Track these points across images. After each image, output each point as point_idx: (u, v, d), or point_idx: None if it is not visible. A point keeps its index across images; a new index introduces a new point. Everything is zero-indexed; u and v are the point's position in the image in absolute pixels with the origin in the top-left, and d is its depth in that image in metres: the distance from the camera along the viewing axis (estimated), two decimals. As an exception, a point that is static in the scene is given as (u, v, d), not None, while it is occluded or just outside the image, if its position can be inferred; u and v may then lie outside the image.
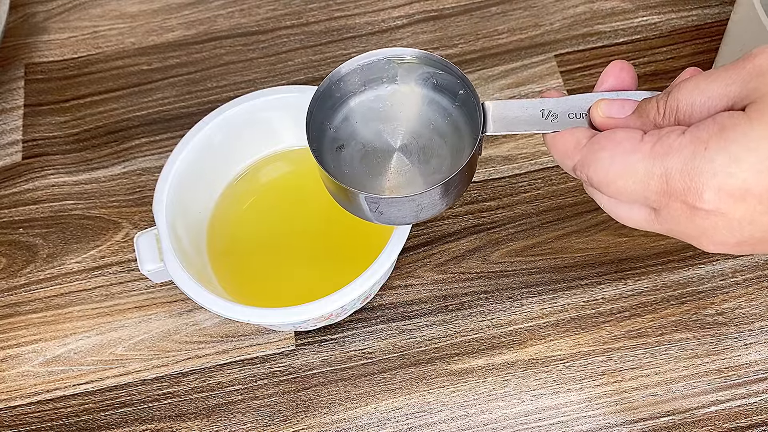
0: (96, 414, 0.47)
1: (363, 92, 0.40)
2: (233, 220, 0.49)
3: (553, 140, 0.35)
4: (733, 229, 0.30)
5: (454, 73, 0.38)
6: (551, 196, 0.51)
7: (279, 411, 0.46)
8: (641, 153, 0.31)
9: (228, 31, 0.60)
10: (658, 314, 0.47)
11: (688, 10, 0.57)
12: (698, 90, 0.31)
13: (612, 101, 0.34)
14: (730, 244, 0.31)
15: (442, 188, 0.36)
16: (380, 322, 0.48)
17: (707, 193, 0.29)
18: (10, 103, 0.58)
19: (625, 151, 0.31)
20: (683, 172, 0.30)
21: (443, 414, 0.45)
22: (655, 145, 0.31)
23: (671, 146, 0.30)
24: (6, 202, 0.54)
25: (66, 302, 0.50)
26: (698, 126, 0.30)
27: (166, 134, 0.56)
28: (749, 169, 0.28)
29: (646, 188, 0.31)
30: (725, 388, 0.44)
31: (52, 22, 0.61)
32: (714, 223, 0.30)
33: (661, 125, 0.32)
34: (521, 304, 0.48)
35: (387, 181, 0.38)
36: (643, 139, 0.31)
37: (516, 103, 0.36)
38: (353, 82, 0.39)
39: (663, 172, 0.30)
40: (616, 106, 0.34)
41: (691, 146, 0.30)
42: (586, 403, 0.45)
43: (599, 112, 0.34)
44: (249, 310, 0.41)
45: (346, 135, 0.39)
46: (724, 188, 0.29)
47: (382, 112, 0.40)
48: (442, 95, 0.39)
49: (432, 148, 0.39)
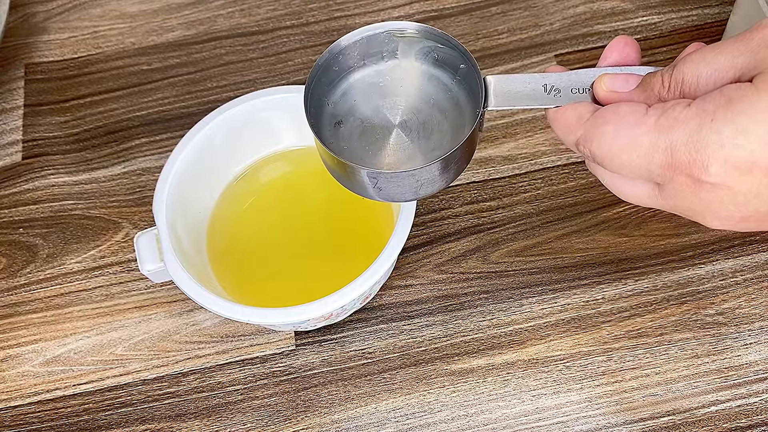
0: (96, 414, 0.47)
1: (362, 67, 0.39)
2: (233, 220, 0.49)
3: (555, 115, 0.34)
4: (738, 204, 0.29)
5: (455, 47, 0.37)
6: (551, 196, 0.51)
7: (279, 411, 0.46)
8: (646, 126, 0.30)
9: (228, 31, 0.60)
10: (658, 314, 0.47)
11: (688, 10, 0.57)
12: (704, 62, 0.30)
13: (616, 75, 0.34)
14: (735, 219, 0.30)
15: (442, 163, 0.35)
16: (380, 322, 0.48)
17: (713, 166, 0.29)
18: (10, 103, 0.58)
19: (629, 124, 0.31)
20: (689, 145, 0.29)
21: (443, 414, 0.45)
22: (660, 118, 0.30)
23: (676, 118, 0.30)
24: (6, 202, 0.54)
25: (66, 302, 0.50)
26: (704, 98, 0.29)
27: (166, 134, 0.56)
28: (756, 140, 0.28)
29: (650, 162, 0.30)
30: (725, 388, 0.44)
31: (52, 22, 0.61)
32: (719, 197, 0.29)
33: (665, 99, 0.32)
34: (521, 304, 0.48)
35: (386, 158, 0.38)
36: (648, 113, 0.31)
37: (518, 77, 0.36)
38: (352, 56, 0.38)
39: (668, 145, 0.30)
40: (620, 81, 0.34)
41: (697, 118, 0.29)
42: (586, 403, 0.45)
43: (603, 86, 0.34)
44: (249, 310, 0.41)
45: (344, 111, 0.38)
46: (730, 160, 0.28)
47: (381, 88, 0.39)
48: (443, 70, 0.39)
49: (432, 124, 0.38)
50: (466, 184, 0.52)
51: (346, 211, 0.49)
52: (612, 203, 0.50)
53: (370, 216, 0.48)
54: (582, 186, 0.51)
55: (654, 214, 0.50)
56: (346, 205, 0.49)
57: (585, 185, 0.51)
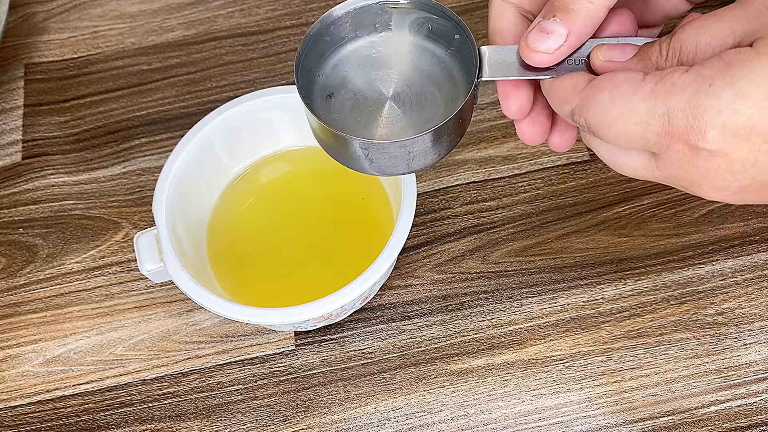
0: (96, 414, 0.47)
1: (355, 38, 0.38)
2: (233, 220, 0.49)
3: (551, 85, 0.34)
4: (735, 172, 0.29)
5: (449, 18, 0.37)
6: (551, 196, 0.51)
7: (279, 411, 0.46)
8: (642, 93, 0.30)
9: (228, 31, 0.60)
10: (657, 314, 0.47)
11: (688, 10, 0.57)
12: (704, 29, 0.30)
13: (613, 45, 0.33)
14: (732, 189, 0.30)
15: (434, 134, 0.35)
16: (380, 322, 0.48)
17: (711, 132, 0.28)
18: (10, 103, 0.58)
19: (625, 91, 0.30)
20: (686, 111, 0.28)
21: (443, 414, 0.45)
22: (657, 84, 0.29)
23: (674, 84, 0.29)
24: (6, 202, 0.54)
25: (66, 302, 0.50)
26: (703, 64, 0.29)
27: (166, 134, 0.56)
28: (755, 105, 0.27)
29: (646, 129, 0.30)
30: (725, 388, 0.44)
31: (52, 22, 0.61)
32: (717, 165, 0.29)
33: (663, 68, 0.31)
34: (521, 304, 0.48)
35: (378, 129, 0.37)
36: (645, 80, 0.30)
37: (513, 48, 0.35)
38: (345, 27, 0.38)
39: (665, 111, 0.29)
40: (617, 50, 0.33)
41: (694, 84, 0.28)
42: (585, 403, 0.45)
43: (599, 56, 0.33)
44: (249, 310, 0.41)
45: (336, 83, 0.38)
46: (728, 126, 0.28)
47: (374, 60, 0.38)
48: (437, 43, 0.38)
49: (425, 97, 0.37)
50: (465, 184, 0.52)
51: (346, 211, 0.49)
52: (612, 203, 0.50)
53: (370, 216, 0.48)
54: (582, 186, 0.51)
55: (654, 214, 0.50)
56: (346, 205, 0.49)
57: (585, 185, 0.51)
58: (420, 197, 0.51)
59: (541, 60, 0.33)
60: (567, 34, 0.33)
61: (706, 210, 0.49)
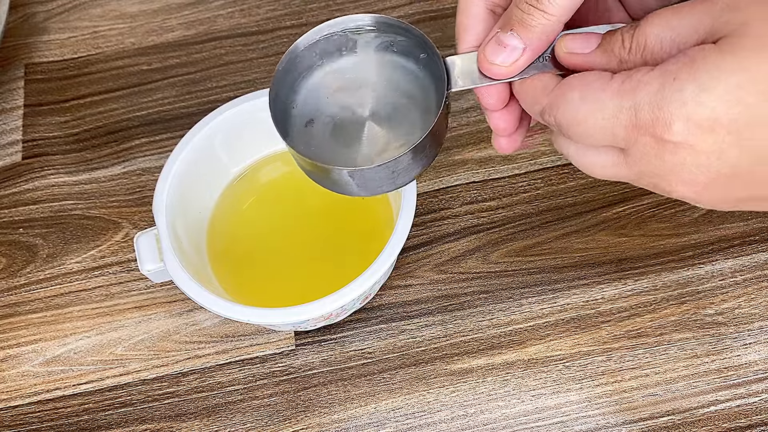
0: (96, 414, 0.47)
1: (323, 66, 0.39)
2: (233, 220, 0.49)
3: (521, 86, 0.34)
4: (701, 165, 0.29)
5: (414, 35, 0.37)
6: (551, 196, 0.51)
7: (279, 411, 0.46)
8: (611, 90, 0.30)
9: (228, 31, 0.60)
10: (657, 314, 0.47)
11: (687, 10, 0.57)
12: (668, 27, 0.30)
13: (575, 36, 0.34)
14: (699, 183, 0.30)
15: (413, 152, 0.35)
16: (380, 322, 0.48)
17: (676, 124, 0.29)
18: (10, 103, 0.58)
19: (594, 89, 0.31)
20: (652, 104, 0.29)
21: (443, 414, 0.45)
22: (624, 82, 0.30)
23: (640, 81, 0.30)
24: (6, 202, 0.54)
25: (66, 302, 0.50)
26: (668, 61, 0.30)
27: (166, 134, 0.56)
28: (718, 99, 0.28)
29: (615, 124, 0.30)
30: (725, 388, 0.45)
31: (52, 22, 0.61)
32: (682, 158, 0.29)
33: (626, 60, 0.32)
34: (521, 304, 0.48)
35: (362, 151, 0.37)
36: (613, 78, 0.31)
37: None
38: (312, 57, 0.38)
39: (632, 105, 0.30)
40: (579, 41, 0.33)
41: (660, 79, 0.29)
42: (585, 402, 0.45)
43: (563, 47, 0.34)
44: (249, 310, 0.41)
45: (312, 111, 0.38)
46: (692, 118, 0.28)
47: (346, 83, 0.38)
48: (407, 58, 0.38)
49: (402, 111, 0.38)
50: (465, 184, 0.52)
51: (346, 211, 0.49)
52: (612, 203, 0.50)
53: (370, 216, 0.48)
54: (582, 186, 0.51)
55: (654, 214, 0.50)
56: (346, 205, 0.49)
57: (585, 185, 0.51)
58: (420, 197, 0.51)
59: (498, 72, 0.34)
60: (523, 48, 0.33)
61: (705, 210, 0.49)
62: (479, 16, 0.36)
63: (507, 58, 0.34)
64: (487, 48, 0.34)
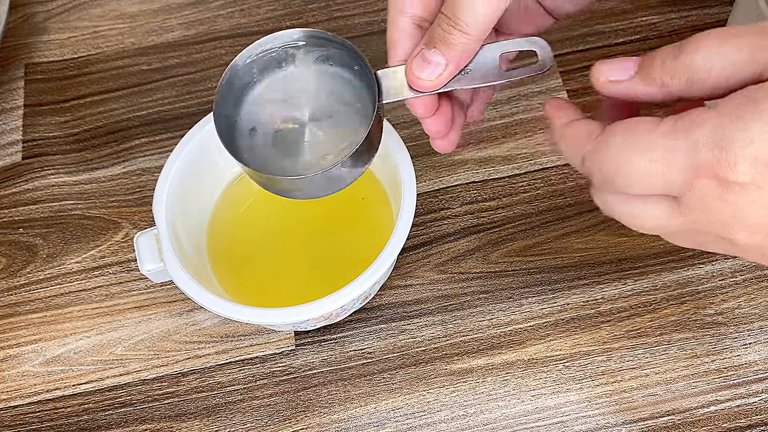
0: (96, 414, 0.47)
1: (264, 79, 0.40)
2: (233, 220, 0.49)
3: (565, 130, 0.33)
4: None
5: (348, 48, 0.38)
6: (551, 196, 0.51)
7: (279, 411, 0.46)
8: (660, 131, 0.28)
9: (228, 31, 0.60)
10: (657, 314, 0.47)
11: (687, 10, 0.57)
12: (719, 55, 0.28)
13: (613, 63, 0.31)
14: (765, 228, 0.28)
15: (351, 159, 0.37)
16: (380, 322, 0.48)
17: (742, 164, 0.26)
18: (10, 103, 0.58)
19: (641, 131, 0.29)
20: (713, 143, 0.27)
21: (443, 414, 0.45)
22: (677, 122, 0.28)
23: (694, 121, 0.27)
24: (6, 202, 0.54)
25: (66, 302, 0.50)
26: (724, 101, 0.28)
27: (166, 134, 0.56)
28: None
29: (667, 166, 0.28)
30: (725, 388, 0.45)
31: (52, 22, 0.61)
32: (750, 199, 0.27)
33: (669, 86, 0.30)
34: (521, 304, 0.48)
35: (305, 155, 0.39)
36: (663, 120, 0.29)
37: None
38: (252, 72, 0.40)
39: (688, 145, 0.27)
40: (617, 68, 0.31)
41: (718, 118, 0.27)
42: (585, 403, 0.45)
43: (600, 76, 0.32)
44: (249, 310, 0.41)
45: (255, 122, 0.40)
46: (760, 157, 0.26)
47: (286, 93, 0.40)
48: (343, 69, 0.40)
49: (341, 116, 0.39)
50: (465, 184, 0.52)
51: (345, 211, 0.49)
52: (612, 203, 0.50)
53: (370, 216, 0.48)
54: (582, 186, 0.51)
55: (654, 214, 0.50)
56: (346, 205, 0.49)
57: (585, 185, 0.51)
58: (420, 197, 0.51)
59: (424, 86, 0.36)
60: (446, 63, 0.35)
61: (705, 210, 0.49)
62: (407, 31, 0.36)
63: (431, 74, 0.35)
64: (413, 63, 0.35)
